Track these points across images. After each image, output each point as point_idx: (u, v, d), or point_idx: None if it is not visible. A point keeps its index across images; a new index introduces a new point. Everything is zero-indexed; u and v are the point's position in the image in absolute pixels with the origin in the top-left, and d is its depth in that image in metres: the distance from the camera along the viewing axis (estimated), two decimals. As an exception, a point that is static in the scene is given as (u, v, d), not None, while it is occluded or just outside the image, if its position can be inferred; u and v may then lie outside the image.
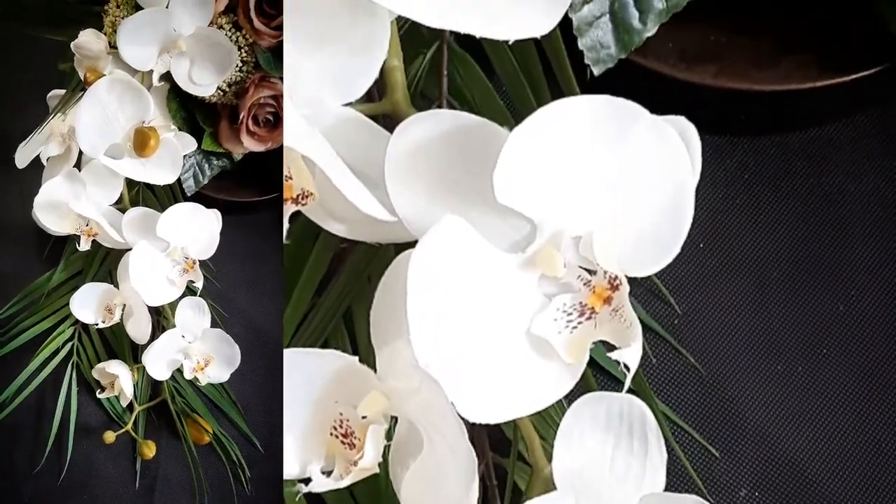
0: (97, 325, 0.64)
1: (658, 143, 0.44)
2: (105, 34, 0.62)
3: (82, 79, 0.61)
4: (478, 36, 0.42)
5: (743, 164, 0.68)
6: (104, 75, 0.59)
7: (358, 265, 0.55)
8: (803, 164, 0.68)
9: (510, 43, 0.43)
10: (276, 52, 0.62)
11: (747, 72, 0.62)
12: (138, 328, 0.64)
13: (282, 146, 0.64)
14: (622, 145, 0.43)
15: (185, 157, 0.63)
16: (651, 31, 0.61)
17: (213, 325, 0.65)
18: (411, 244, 0.42)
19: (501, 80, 0.57)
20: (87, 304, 0.64)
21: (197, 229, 0.61)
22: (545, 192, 0.43)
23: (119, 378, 0.66)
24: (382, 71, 0.47)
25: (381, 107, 0.50)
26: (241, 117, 0.63)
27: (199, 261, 0.62)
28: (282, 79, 0.63)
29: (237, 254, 0.71)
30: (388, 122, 0.47)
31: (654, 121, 0.44)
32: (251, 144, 0.65)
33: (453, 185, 0.45)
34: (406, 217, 0.44)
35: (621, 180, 0.44)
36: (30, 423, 0.70)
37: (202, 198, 0.68)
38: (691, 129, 0.47)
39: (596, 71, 0.61)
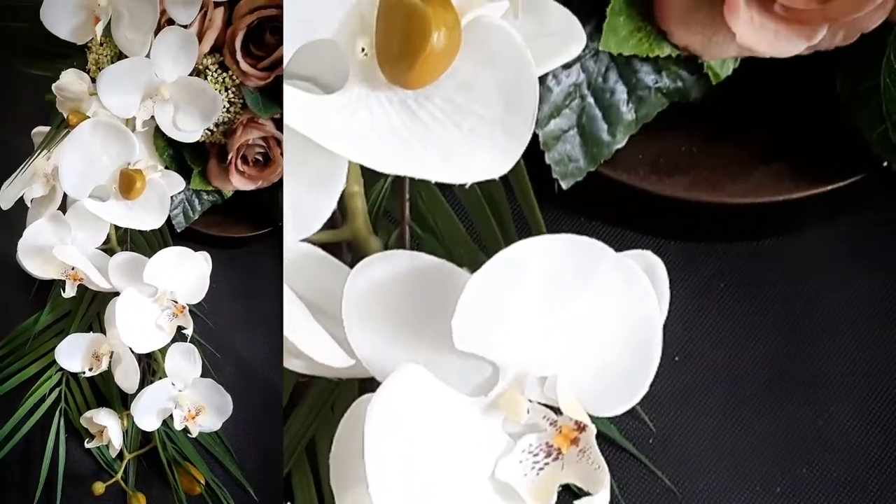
0: (84, 373, 0.62)
1: (623, 282, 0.43)
2: (88, 71, 0.61)
3: (65, 120, 0.60)
4: (433, 181, 0.41)
5: (718, 272, 0.67)
6: (87, 117, 0.58)
7: (321, 395, 0.54)
8: (780, 272, 0.67)
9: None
10: (265, 93, 0.61)
11: (720, 184, 0.61)
12: (126, 378, 0.62)
13: (273, 184, 0.64)
14: (586, 285, 0.43)
15: (174, 192, 0.61)
16: (620, 143, 0.61)
17: (205, 366, 0.63)
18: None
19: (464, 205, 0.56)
20: (73, 354, 0.62)
21: (185, 273, 0.60)
22: (507, 336, 0.42)
23: (107, 429, 0.64)
24: (343, 197, 0.46)
25: (341, 234, 0.50)
26: (229, 157, 0.62)
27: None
28: (274, 118, 0.62)
29: (230, 291, 0.70)
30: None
31: (619, 259, 0.43)
32: (241, 184, 0.64)
33: (413, 327, 0.44)
34: (365, 358, 0.44)
35: (586, 321, 0.43)
36: (17, 471, 0.68)
37: (193, 233, 0.67)
38: (658, 265, 0.46)
39: (564, 185, 0.60)
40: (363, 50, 0.46)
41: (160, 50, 0.56)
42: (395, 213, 0.54)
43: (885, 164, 0.59)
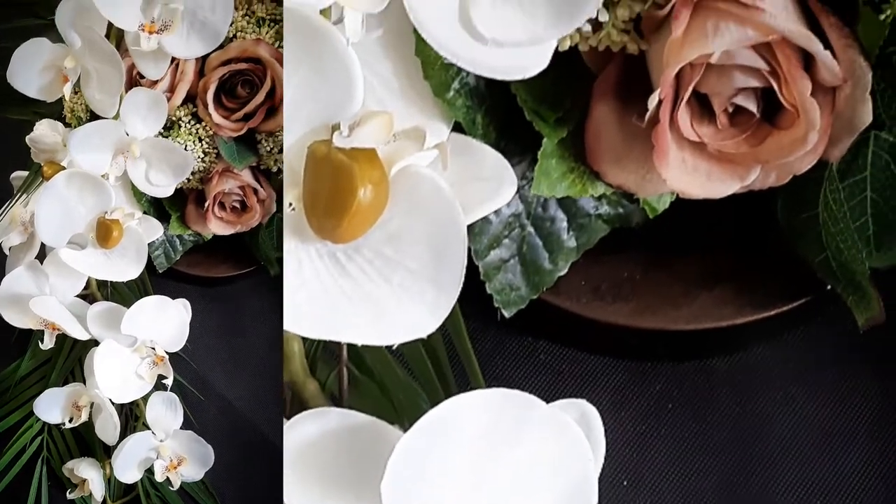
0: (64, 424, 0.62)
1: (556, 434, 0.43)
2: (64, 118, 0.61)
3: (41, 172, 0.59)
4: (360, 344, 0.41)
5: (666, 393, 0.67)
6: (62, 167, 0.57)
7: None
8: (728, 391, 0.66)
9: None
10: (240, 143, 0.61)
11: (662, 311, 0.61)
12: (105, 430, 0.61)
13: (252, 228, 0.64)
14: (519, 441, 0.42)
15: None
16: (562, 270, 0.61)
17: (188, 414, 0.62)
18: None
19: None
20: (52, 406, 0.62)
21: (165, 322, 0.59)
22: (439, 496, 0.42)
23: (89, 481, 0.63)
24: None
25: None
26: (206, 204, 0.62)
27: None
28: (250, 167, 0.61)
29: (213, 330, 0.69)
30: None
31: (551, 412, 0.43)
32: (219, 229, 0.64)
33: (345, 485, 0.43)
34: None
35: (519, 477, 0.43)
36: (0, 521, 0.67)
37: (175, 273, 0.67)
38: (592, 414, 0.46)
39: (507, 313, 0.60)
40: (290, 204, 0.47)
41: (129, 109, 0.56)
42: (332, 356, 0.54)
43: (829, 287, 0.59)
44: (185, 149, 0.59)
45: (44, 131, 0.61)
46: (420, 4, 0.44)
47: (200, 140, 0.60)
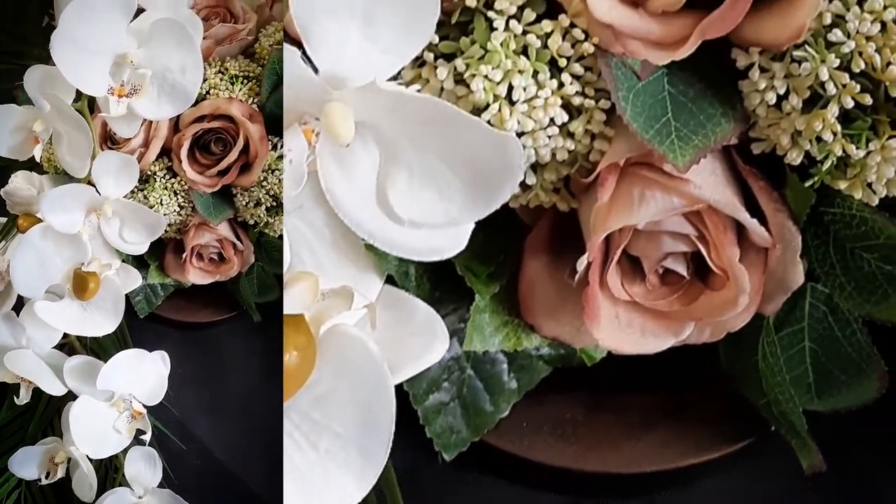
0: (41, 481, 0.60)
1: None
2: (41, 161, 0.60)
3: (16, 225, 0.58)
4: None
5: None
6: (38, 220, 0.56)
7: None
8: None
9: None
10: (216, 196, 0.60)
11: (605, 454, 0.60)
12: (82, 487, 0.59)
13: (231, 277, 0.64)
14: None
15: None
16: (504, 412, 0.60)
17: (167, 468, 0.60)
18: None
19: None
20: (28, 463, 0.60)
21: (142, 376, 0.58)
22: None
23: None
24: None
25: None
26: (184, 255, 0.62)
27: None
28: (229, 219, 0.61)
29: (194, 376, 0.67)
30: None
31: None
32: (197, 278, 0.64)
33: None
34: None
35: None
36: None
37: (156, 318, 0.66)
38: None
39: (447, 457, 0.59)
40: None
41: (100, 171, 0.55)
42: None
43: (773, 428, 0.59)
44: (161, 202, 0.59)
45: (19, 184, 0.60)
46: (336, 186, 0.43)
47: (176, 194, 0.59)
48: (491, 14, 0.46)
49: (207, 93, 0.58)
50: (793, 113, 0.46)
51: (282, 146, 0.57)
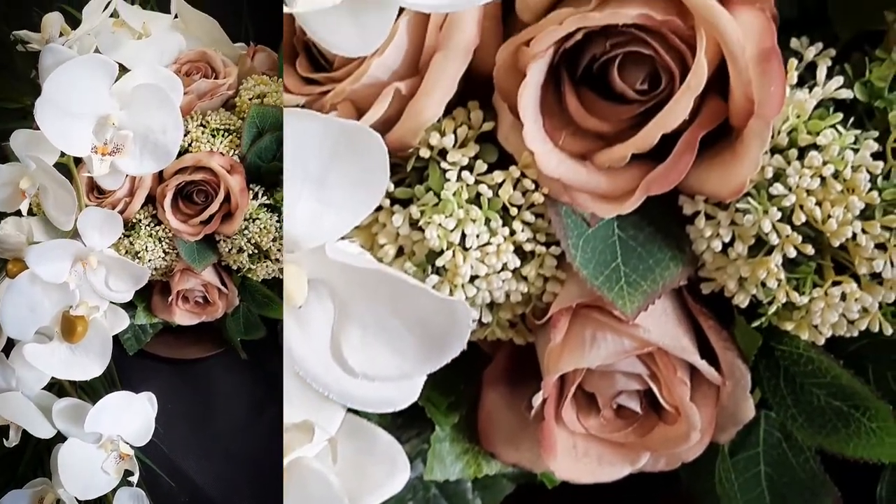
0: None
1: None
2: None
3: (6, 269, 0.58)
4: None
5: None
6: (27, 266, 0.56)
7: None
8: None
9: None
10: (200, 242, 0.60)
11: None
12: None
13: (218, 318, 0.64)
14: None
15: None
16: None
17: (160, 497, 0.61)
18: None
19: None
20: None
21: (130, 418, 0.58)
22: None
23: None
24: None
25: None
26: (170, 298, 0.63)
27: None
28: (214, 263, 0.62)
29: (183, 413, 0.67)
30: None
31: None
32: (184, 319, 0.64)
33: None
34: None
35: None
36: None
37: (146, 355, 0.66)
38: None
39: None
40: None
41: (85, 225, 0.56)
42: None
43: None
44: (146, 248, 0.60)
45: (9, 231, 0.60)
46: (293, 339, 0.44)
47: (160, 241, 0.60)
48: (444, 165, 0.48)
49: (190, 145, 0.59)
50: (738, 259, 0.48)
51: (263, 195, 0.58)
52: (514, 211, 0.48)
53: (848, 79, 0.48)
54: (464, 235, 0.48)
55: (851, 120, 0.47)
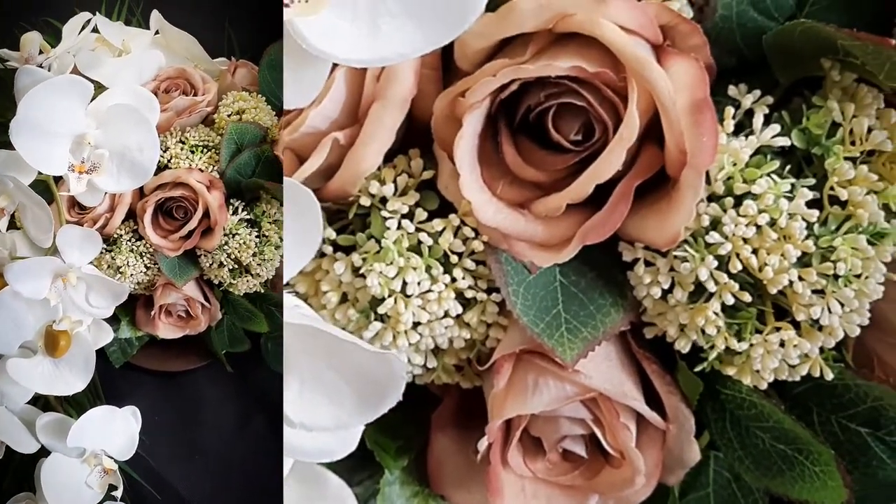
0: None
1: None
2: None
3: None
4: None
5: None
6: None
7: None
8: None
9: None
10: (182, 257, 0.60)
11: None
12: None
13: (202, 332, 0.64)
14: None
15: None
16: None
17: None
18: None
19: None
20: None
21: (113, 432, 0.58)
22: None
23: None
24: None
25: None
26: (153, 312, 0.63)
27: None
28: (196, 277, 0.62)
29: (169, 424, 0.67)
30: None
31: None
32: (167, 333, 0.64)
33: None
34: None
35: None
36: None
37: (132, 367, 0.66)
38: None
39: None
40: None
41: (63, 242, 0.56)
42: None
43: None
44: (127, 264, 0.60)
45: None
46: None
47: (141, 256, 0.60)
48: (384, 213, 0.48)
49: (169, 162, 0.59)
50: (678, 306, 0.48)
51: (243, 210, 0.59)
52: (454, 258, 0.48)
53: (786, 126, 0.48)
54: (405, 283, 0.48)
55: (788, 168, 0.48)
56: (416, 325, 0.49)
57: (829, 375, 0.48)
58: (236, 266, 0.60)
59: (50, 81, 0.54)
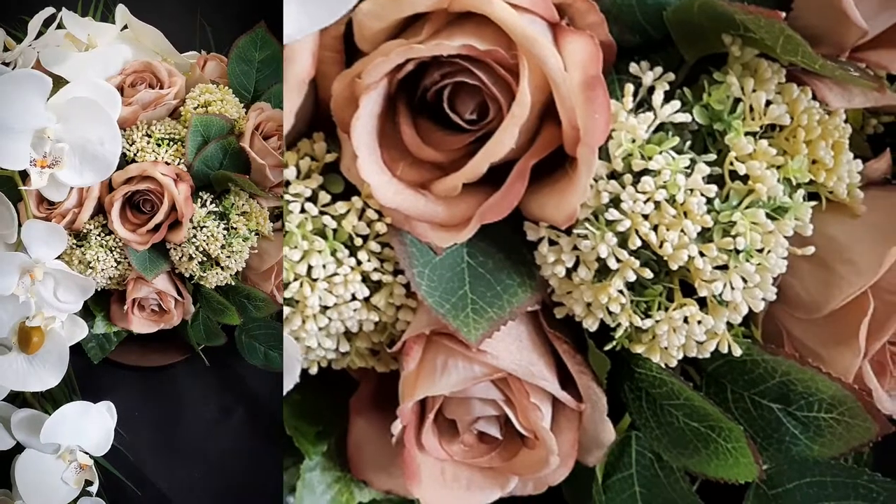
0: None
1: None
2: None
3: None
4: None
5: None
6: None
7: None
8: None
9: None
10: (152, 251, 0.61)
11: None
12: None
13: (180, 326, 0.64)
14: None
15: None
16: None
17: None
18: None
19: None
20: None
21: (88, 427, 0.58)
22: None
23: None
24: None
25: None
26: (125, 307, 0.62)
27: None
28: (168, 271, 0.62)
29: (148, 421, 0.68)
30: None
31: None
32: (141, 328, 0.64)
33: None
34: None
35: None
36: None
37: (111, 363, 0.66)
38: None
39: None
40: None
41: (29, 238, 0.56)
42: None
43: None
44: (98, 259, 0.59)
45: None
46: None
47: (111, 250, 0.59)
48: (287, 196, 0.48)
49: (136, 155, 0.59)
50: (583, 284, 0.48)
51: (211, 203, 0.59)
52: (359, 241, 0.48)
53: (689, 103, 0.48)
54: (310, 267, 0.48)
55: (689, 144, 0.48)
56: (323, 308, 0.49)
57: (738, 351, 0.48)
58: (205, 259, 0.60)
59: (7, 76, 0.54)
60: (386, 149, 0.47)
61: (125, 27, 0.65)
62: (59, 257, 0.58)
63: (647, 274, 0.46)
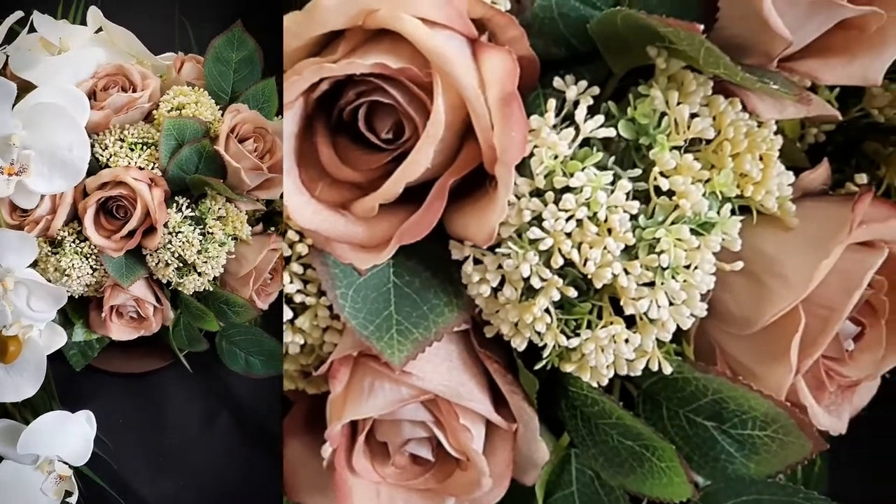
0: None
1: None
2: None
3: None
4: None
5: None
6: None
7: None
8: None
9: None
10: (128, 257, 0.59)
11: None
12: None
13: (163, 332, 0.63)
14: None
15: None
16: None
17: None
18: None
19: None
20: None
21: (66, 437, 0.57)
22: None
23: None
24: None
25: None
26: (103, 314, 0.62)
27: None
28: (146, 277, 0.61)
29: (131, 428, 0.67)
30: None
31: None
32: (120, 335, 0.63)
33: None
34: None
35: None
36: None
37: (93, 370, 0.65)
38: None
39: None
40: None
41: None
42: None
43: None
44: (73, 266, 0.58)
45: None
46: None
47: (87, 258, 0.59)
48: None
49: (109, 160, 0.58)
50: (508, 304, 0.47)
51: (187, 207, 0.58)
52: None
53: (614, 117, 0.47)
54: (232, 289, 0.47)
55: (613, 160, 0.47)
56: (247, 331, 0.48)
57: (668, 369, 0.48)
58: (182, 265, 0.59)
59: (-30, 83, 0.54)
60: (304, 169, 0.46)
61: (99, 30, 0.64)
62: (33, 265, 0.57)
63: (572, 293, 0.46)
